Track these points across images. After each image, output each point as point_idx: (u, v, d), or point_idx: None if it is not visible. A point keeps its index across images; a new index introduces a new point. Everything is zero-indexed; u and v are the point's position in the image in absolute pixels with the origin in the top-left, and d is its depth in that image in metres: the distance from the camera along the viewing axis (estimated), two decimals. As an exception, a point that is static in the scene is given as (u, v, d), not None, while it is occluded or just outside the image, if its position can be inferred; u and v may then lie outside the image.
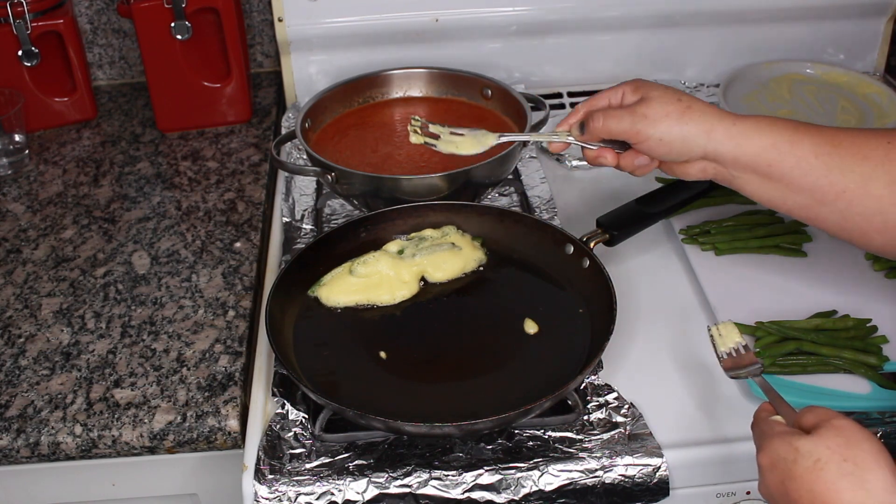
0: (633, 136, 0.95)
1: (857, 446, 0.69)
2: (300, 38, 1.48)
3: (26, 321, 1.13)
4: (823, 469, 0.68)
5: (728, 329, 0.91)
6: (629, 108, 0.95)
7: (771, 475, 0.72)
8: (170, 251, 1.24)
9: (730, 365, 0.89)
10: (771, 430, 0.74)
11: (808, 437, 0.71)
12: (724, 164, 0.93)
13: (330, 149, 1.27)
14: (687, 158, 0.94)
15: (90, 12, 1.59)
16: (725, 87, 1.45)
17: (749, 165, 0.92)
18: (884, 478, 0.67)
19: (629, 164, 0.99)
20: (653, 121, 0.93)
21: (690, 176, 0.96)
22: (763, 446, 0.74)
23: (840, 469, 0.68)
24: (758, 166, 0.91)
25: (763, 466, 0.73)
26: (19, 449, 0.99)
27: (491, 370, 0.99)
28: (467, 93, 1.36)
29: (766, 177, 0.91)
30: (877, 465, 0.68)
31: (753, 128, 0.91)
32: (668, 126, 0.93)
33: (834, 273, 1.12)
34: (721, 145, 0.92)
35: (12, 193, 1.38)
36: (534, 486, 0.91)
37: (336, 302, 1.07)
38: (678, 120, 0.93)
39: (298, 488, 0.90)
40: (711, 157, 0.93)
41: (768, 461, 0.72)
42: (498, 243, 1.15)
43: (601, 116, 0.96)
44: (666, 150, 0.94)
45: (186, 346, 1.09)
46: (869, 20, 1.54)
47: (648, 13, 1.49)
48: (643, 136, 0.94)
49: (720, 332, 0.91)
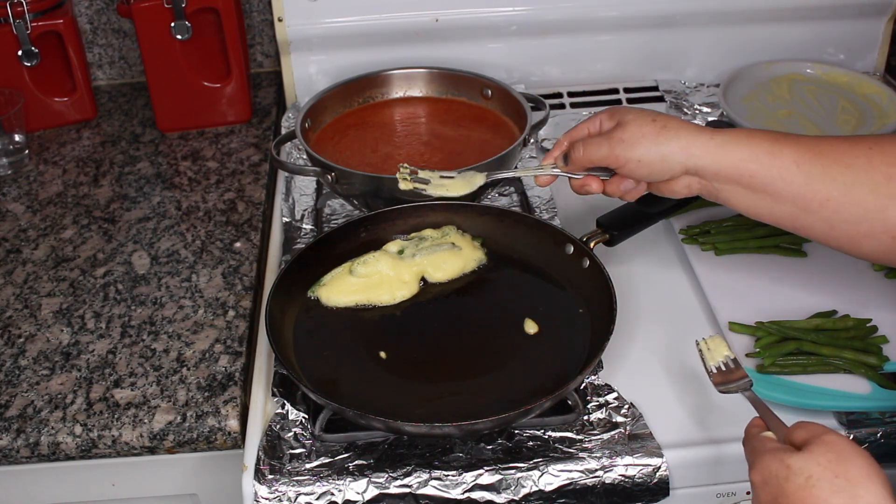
0: (613, 161, 0.96)
1: (848, 462, 0.69)
2: (300, 38, 1.48)
3: (26, 321, 1.13)
4: (815, 486, 0.68)
5: (716, 343, 0.92)
6: (606, 135, 0.97)
7: (763, 492, 0.72)
8: (170, 251, 1.24)
9: (719, 380, 0.89)
10: (762, 447, 0.74)
11: (799, 453, 0.71)
12: (707, 177, 0.94)
13: (330, 149, 1.27)
14: (669, 176, 0.95)
15: (90, 12, 1.59)
16: (725, 87, 1.45)
17: (731, 177, 0.92)
18: (876, 493, 0.67)
19: (616, 189, 1.00)
20: (630, 144, 0.95)
21: (678, 193, 0.97)
22: (755, 463, 0.74)
23: (832, 485, 0.68)
24: (740, 177, 0.92)
25: (756, 483, 0.73)
26: (19, 449, 0.99)
27: (491, 370, 0.99)
28: (467, 93, 1.36)
29: (750, 188, 0.92)
30: (868, 480, 0.68)
31: (731, 140, 0.92)
32: (646, 147, 0.94)
33: (834, 273, 1.12)
34: (700, 160, 0.93)
35: (12, 193, 1.38)
36: (534, 486, 0.91)
37: (336, 302, 1.07)
38: (654, 140, 0.94)
39: (298, 488, 0.90)
40: (693, 171, 0.94)
41: (760, 478, 0.72)
42: (498, 243, 1.15)
43: (581, 146, 0.99)
44: (647, 170, 0.95)
45: (186, 346, 1.09)
46: (869, 20, 1.54)
47: (648, 13, 1.49)
48: (623, 160, 0.95)
49: (709, 347, 0.92)
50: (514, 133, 1.28)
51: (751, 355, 1.00)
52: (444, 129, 1.32)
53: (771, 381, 0.97)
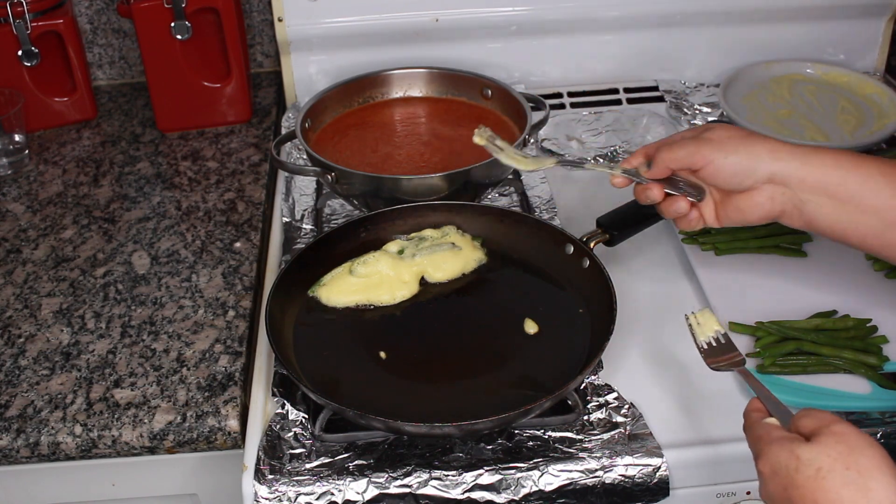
0: (699, 160, 0.93)
1: (859, 453, 0.68)
2: (300, 38, 1.48)
3: (26, 321, 1.13)
4: (826, 478, 0.68)
5: (706, 317, 0.90)
6: (692, 136, 0.95)
7: (772, 483, 0.71)
8: (170, 251, 1.24)
9: (710, 356, 0.88)
10: (769, 436, 0.74)
11: (808, 444, 0.70)
12: (792, 185, 0.91)
13: (330, 149, 1.27)
14: (752, 182, 0.92)
15: (90, 12, 1.59)
16: (725, 87, 1.45)
17: (818, 185, 0.90)
18: (887, 485, 0.67)
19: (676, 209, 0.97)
20: (717, 143, 0.92)
21: (757, 208, 0.93)
22: (763, 453, 0.73)
23: (843, 478, 0.67)
24: (827, 185, 0.90)
25: (764, 474, 0.73)
26: (19, 449, 0.99)
27: (491, 370, 0.99)
28: (467, 93, 1.36)
29: (836, 198, 0.90)
30: (880, 472, 0.67)
31: (815, 151, 0.91)
32: (734, 146, 0.92)
33: (834, 273, 1.12)
34: (787, 164, 0.90)
35: (12, 193, 1.38)
36: (534, 486, 0.91)
37: (336, 302, 1.07)
38: (742, 141, 0.92)
39: (298, 488, 0.90)
40: (778, 179, 0.91)
41: (769, 469, 0.72)
42: (498, 243, 1.15)
43: (666, 147, 0.95)
44: (731, 171, 0.92)
45: (186, 346, 1.09)
46: (869, 20, 1.54)
47: (648, 13, 1.49)
48: (708, 159, 0.92)
49: (698, 321, 0.90)
50: (514, 133, 1.28)
51: (751, 355, 1.00)
52: (444, 129, 1.32)
53: (771, 381, 0.97)
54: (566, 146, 1.40)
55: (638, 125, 1.44)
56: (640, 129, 1.43)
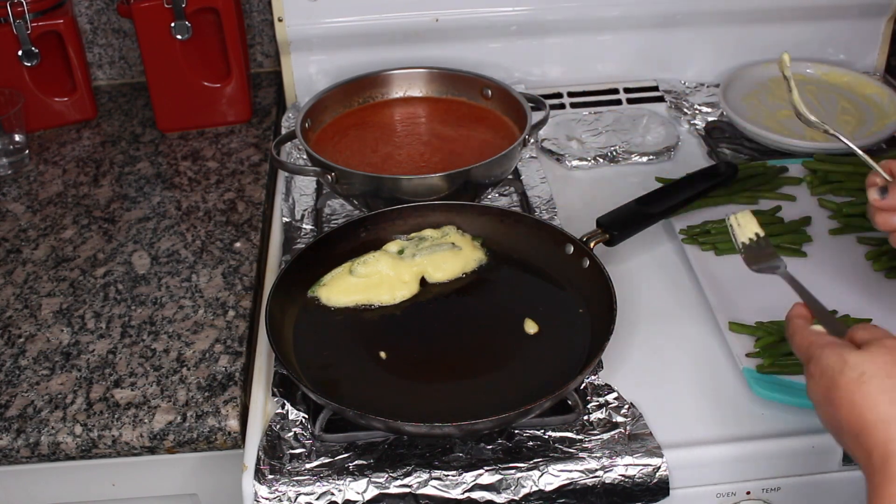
0: None
1: None
2: (300, 38, 1.48)
3: (26, 321, 1.13)
4: (866, 383, 0.70)
5: (746, 219, 0.89)
6: None
7: (819, 384, 0.74)
8: (170, 251, 1.24)
9: (749, 257, 0.87)
10: (821, 341, 0.76)
11: (858, 351, 0.73)
12: None
13: (330, 149, 1.27)
14: None
15: (90, 12, 1.59)
16: (725, 87, 1.45)
17: None
18: None
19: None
20: None
21: None
22: (814, 356, 0.75)
23: (882, 385, 0.70)
24: None
25: (813, 375, 0.75)
26: (19, 449, 0.99)
27: (491, 370, 0.99)
28: (467, 93, 1.36)
29: None
30: None
31: None
32: None
33: (834, 273, 1.12)
34: None
35: (12, 193, 1.38)
36: (534, 486, 0.91)
37: (336, 302, 1.07)
38: None
39: (298, 488, 0.90)
40: None
41: (819, 370, 0.74)
42: (498, 243, 1.15)
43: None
44: None
45: (186, 346, 1.09)
46: (869, 20, 1.54)
47: (648, 13, 1.49)
48: None
49: (739, 223, 0.89)
50: (514, 133, 1.28)
51: (751, 355, 1.00)
52: (444, 129, 1.32)
53: (771, 380, 0.97)
54: (566, 146, 1.40)
55: (638, 125, 1.44)
56: (640, 129, 1.43)
